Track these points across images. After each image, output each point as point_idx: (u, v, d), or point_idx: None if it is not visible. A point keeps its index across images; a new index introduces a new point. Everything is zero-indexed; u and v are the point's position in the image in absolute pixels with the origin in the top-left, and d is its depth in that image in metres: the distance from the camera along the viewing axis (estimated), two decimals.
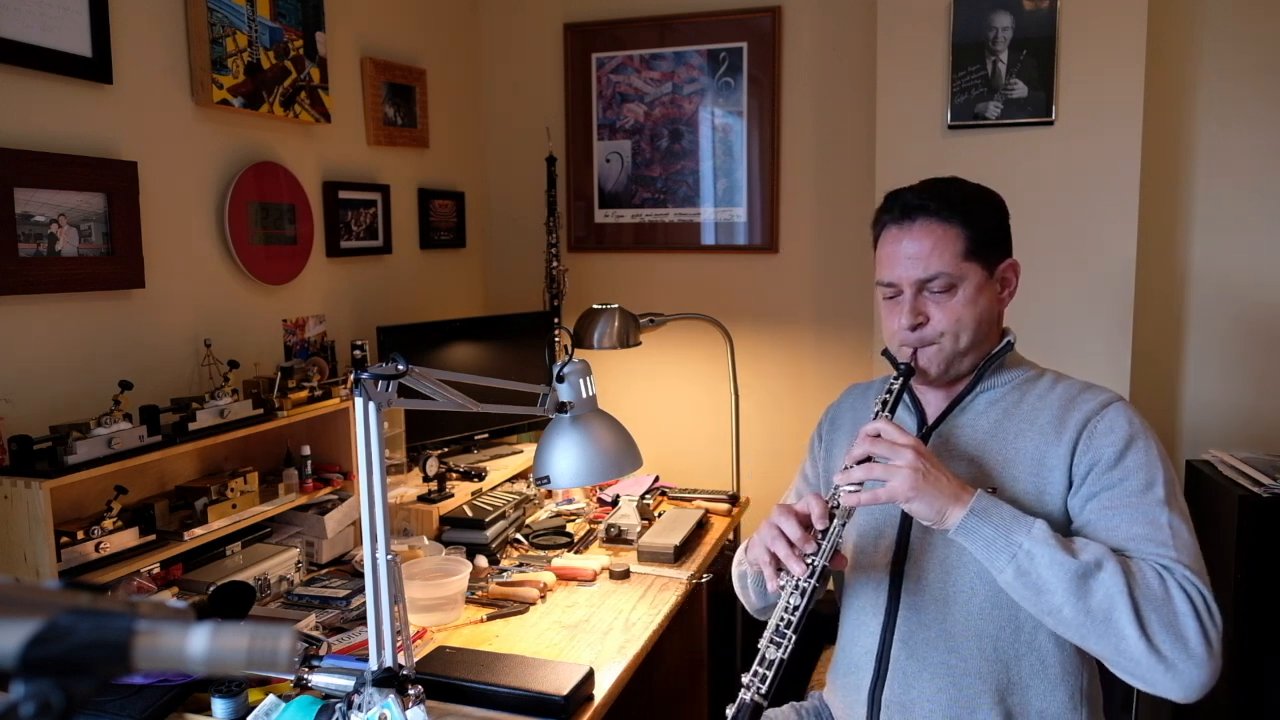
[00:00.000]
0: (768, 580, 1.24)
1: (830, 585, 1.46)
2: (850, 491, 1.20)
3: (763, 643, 1.21)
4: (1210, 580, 1.14)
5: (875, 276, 1.35)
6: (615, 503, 2.39)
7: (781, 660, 1.19)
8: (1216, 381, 2.52)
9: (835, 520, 1.22)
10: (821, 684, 1.53)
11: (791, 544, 1.21)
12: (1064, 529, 1.21)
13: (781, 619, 1.20)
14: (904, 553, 1.31)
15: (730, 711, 1.19)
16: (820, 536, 1.22)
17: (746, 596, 1.49)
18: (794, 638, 1.19)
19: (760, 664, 1.19)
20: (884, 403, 1.29)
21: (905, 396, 1.37)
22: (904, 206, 1.30)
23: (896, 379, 1.31)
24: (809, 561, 1.20)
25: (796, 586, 1.20)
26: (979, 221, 1.29)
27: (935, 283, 1.27)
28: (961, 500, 1.15)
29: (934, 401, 1.37)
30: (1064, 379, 1.34)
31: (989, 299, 1.30)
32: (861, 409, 1.47)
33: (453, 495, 2.19)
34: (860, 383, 1.57)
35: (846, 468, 1.23)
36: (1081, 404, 1.27)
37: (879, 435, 1.21)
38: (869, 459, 1.21)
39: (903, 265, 1.29)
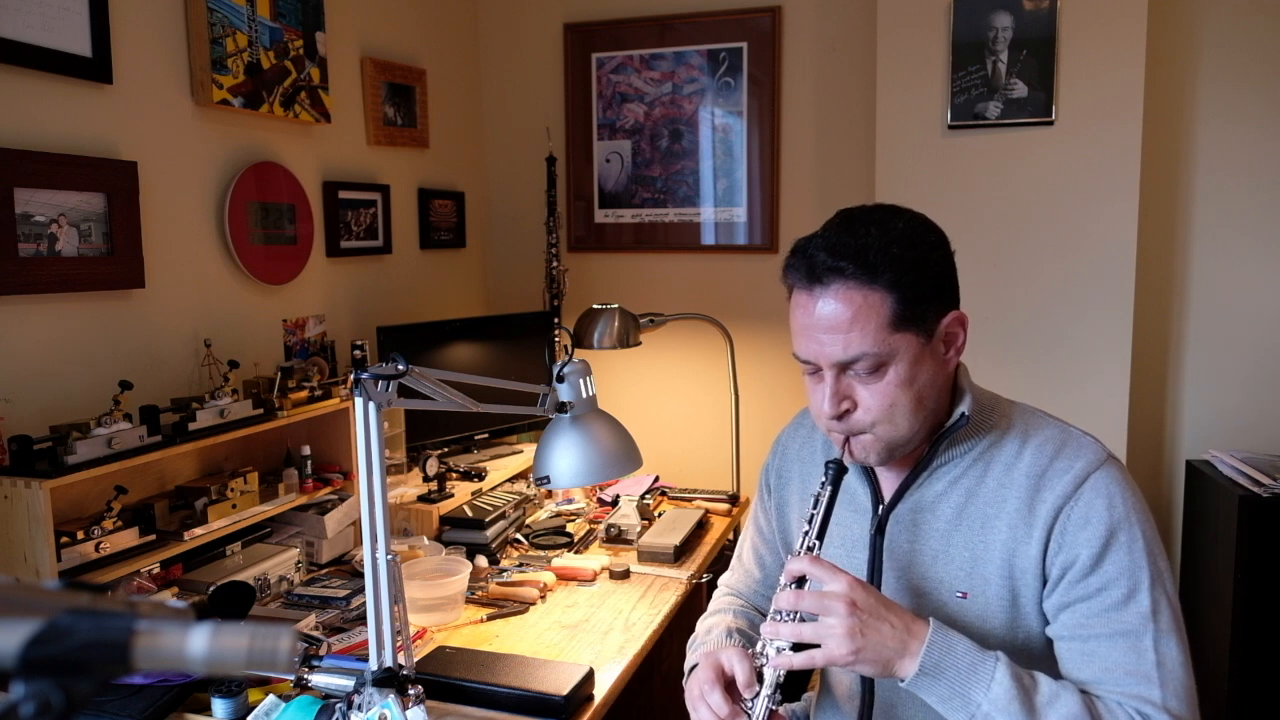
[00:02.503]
0: None
1: None
2: (780, 650, 1.05)
3: None
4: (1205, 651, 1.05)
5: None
6: (615, 503, 2.39)
7: None
8: (1216, 381, 2.52)
9: (765, 686, 1.07)
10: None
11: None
12: (1040, 633, 1.10)
13: None
14: None
15: None
16: (749, 707, 1.08)
17: None
18: None
19: None
20: (812, 519, 1.10)
21: (858, 466, 1.18)
22: (812, 267, 1.05)
23: (824, 485, 1.11)
24: None
25: None
26: (910, 278, 1.03)
27: (859, 364, 1.05)
28: (910, 651, 1.00)
29: (889, 476, 1.19)
30: (1036, 432, 1.12)
31: (931, 368, 1.08)
32: (809, 461, 1.30)
33: (453, 495, 2.19)
34: (809, 411, 1.30)
35: (774, 612, 1.07)
36: (1052, 482, 1.07)
37: (804, 580, 1.05)
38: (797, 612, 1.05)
39: (816, 341, 1.06)
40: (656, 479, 2.56)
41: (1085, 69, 2.28)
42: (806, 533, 1.11)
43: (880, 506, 1.19)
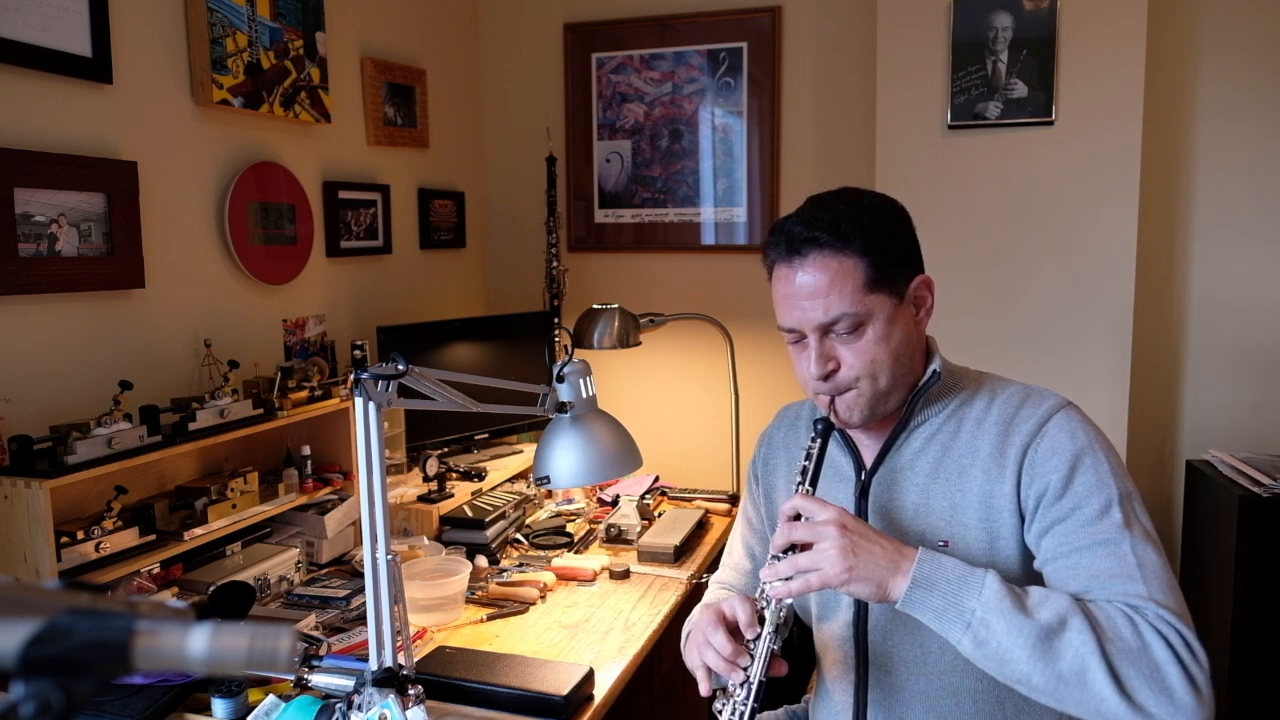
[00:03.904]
0: (701, 689, 1.16)
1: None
2: (779, 585, 1.09)
3: None
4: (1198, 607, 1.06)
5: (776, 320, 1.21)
6: (615, 503, 2.39)
7: None
8: (1216, 381, 2.52)
9: (766, 626, 1.11)
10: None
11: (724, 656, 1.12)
12: (1027, 570, 1.14)
13: None
14: (864, 614, 1.22)
15: None
16: (752, 646, 1.11)
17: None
18: None
19: None
20: (804, 470, 1.17)
21: (839, 437, 1.26)
22: (790, 241, 1.16)
23: (814, 439, 1.17)
24: (745, 670, 1.11)
25: (734, 712, 1.11)
26: (879, 244, 1.14)
27: (840, 324, 1.13)
28: (902, 569, 1.03)
29: (869, 443, 1.26)
30: (1001, 390, 1.21)
31: (904, 327, 1.17)
32: (794, 446, 1.35)
33: (453, 495, 2.19)
34: (792, 405, 1.43)
35: (772, 557, 1.11)
36: (1019, 426, 1.15)
37: (798, 515, 1.10)
38: (793, 547, 1.09)
39: (799, 309, 1.15)
40: (656, 479, 2.56)
41: (1085, 69, 2.28)
42: (799, 484, 1.16)
43: (863, 473, 1.25)
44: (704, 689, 1.16)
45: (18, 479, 1.39)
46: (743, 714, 1.10)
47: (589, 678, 1.47)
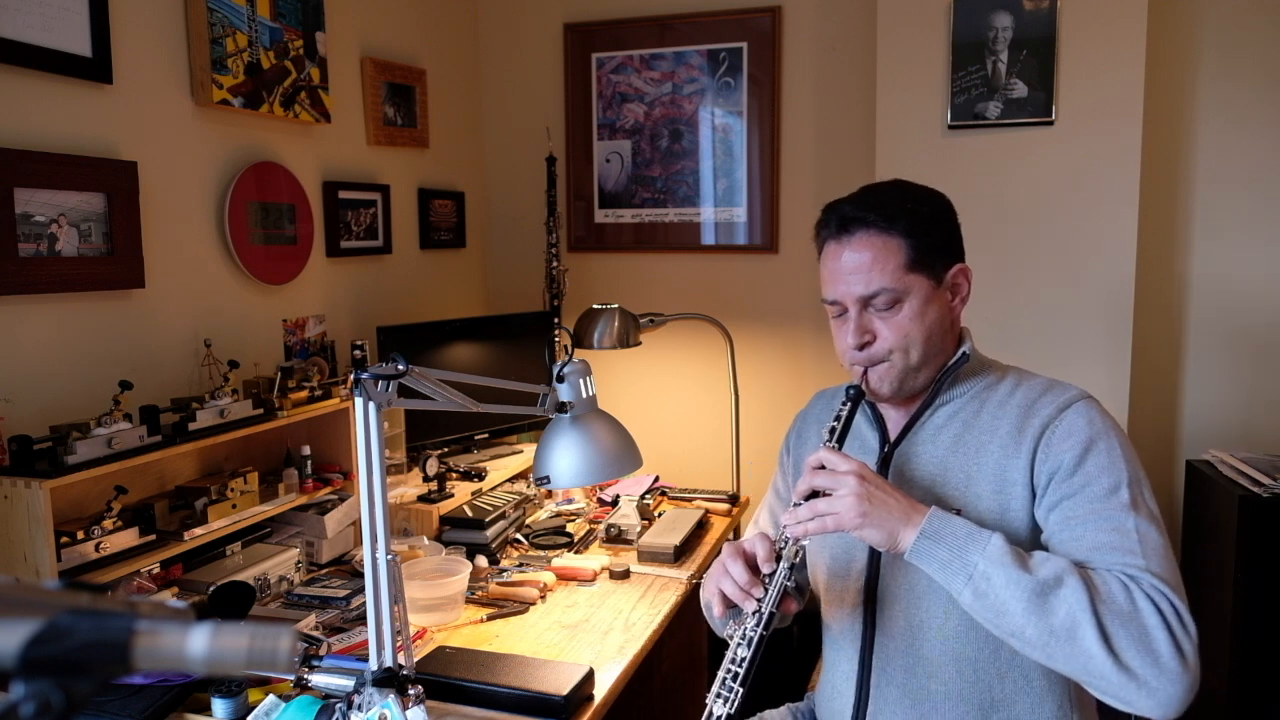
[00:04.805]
0: (716, 614, 1.23)
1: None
2: (798, 526, 1.16)
3: (710, 696, 1.18)
4: (1193, 585, 1.10)
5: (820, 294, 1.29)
6: (615, 503, 2.39)
7: (729, 716, 1.16)
8: (1216, 382, 2.52)
9: (782, 563, 1.18)
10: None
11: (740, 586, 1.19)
12: (1034, 544, 1.17)
13: (729, 671, 1.17)
14: (875, 580, 1.27)
15: None
16: (767, 580, 1.18)
17: (712, 623, 1.43)
18: (741, 691, 1.15)
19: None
20: (832, 430, 1.24)
21: (868, 411, 1.34)
22: (841, 219, 1.24)
23: (845, 404, 1.26)
24: (758, 601, 1.17)
25: (744, 637, 1.17)
26: (922, 229, 1.22)
27: (879, 299, 1.22)
28: (913, 522, 1.11)
29: (895, 418, 1.33)
30: (1026, 380, 1.28)
31: (939, 309, 1.24)
32: (825, 421, 1.39)
33: (453, 495, 2.19)
34: (829, 389, 1.52)
35: (794, 504, 1.18)
36: (1040, 409, 1.21)
37: (821, 466, 1.17)
38: (815, 494, 1.16)
39: (844, 282, 1.23)
40: (656, 479, 2.56)
41: (1085, 69, 2.28)
42: (826, 441, 1.24)
43: (886, 445, 1.31)
44: (717, 612, 1.23)
45: (18, 479, 1.39)
46: (752, 640, 1.17)
47: (589, 678, 1.47)
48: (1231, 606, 2.11)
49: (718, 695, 1.17)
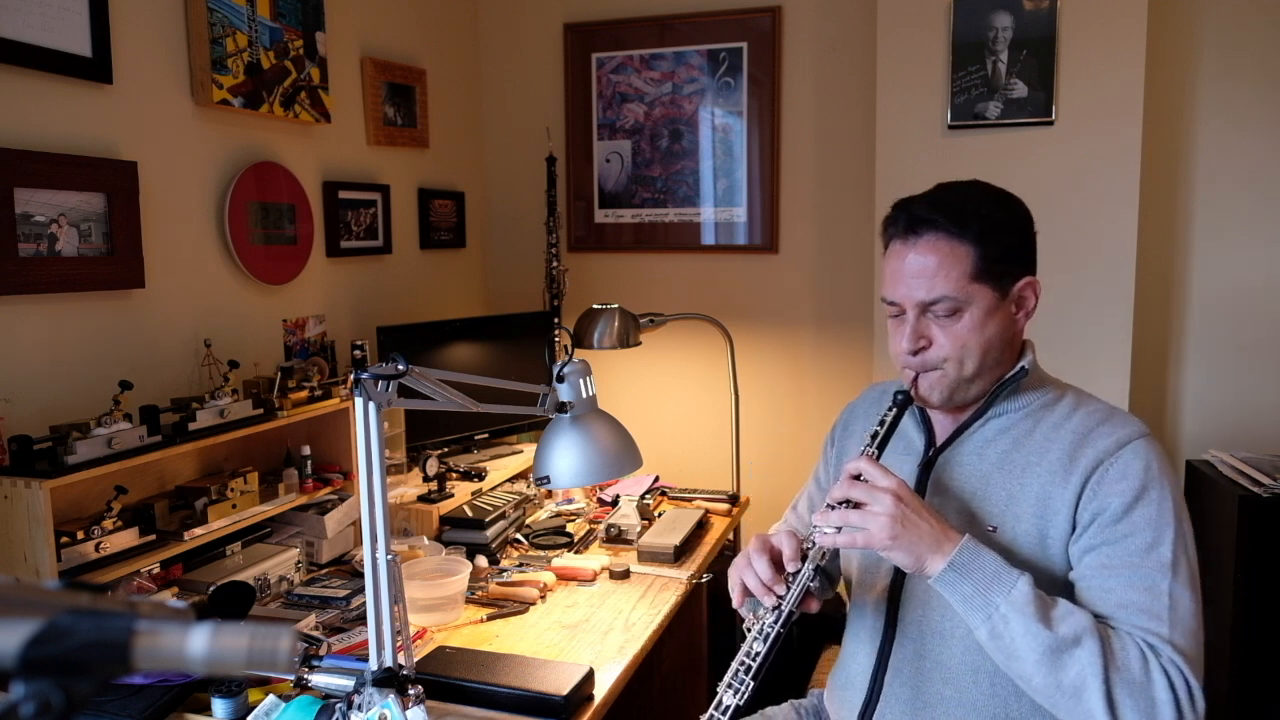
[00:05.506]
0: (735, 603, 1.23)
1: (840, 587, 1.45)
2: (827, 533, 1.15)
3: (721, 686, 1.18)
4: (1203, 650, 1.08)
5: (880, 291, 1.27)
6: (615, 503, 2.39)
7: (738, 707, 1.16)
8: (1216, 382, 2.52)
9: (807, 563, 1.17)
10: (822, 683, 1.53)
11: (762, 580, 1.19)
12: (1063, 578, 1.16)
13: (741, 664, 1.17)
14: (902, 580, 1.26)
15: None
16: (790, 579, 1.17)
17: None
18: (752, 684, 1.16)
19: (716, 709, 1.17)
20: (874, 435, 1.21)
21: (916, 413, 1.31)
22: (910, 219, 1.19)
23: (891, 409, 1.22)
24: (779, 598, 1.17)
25: (761, 631, 1.16)
26: (994, 238, 1.17)
27: (939, 306, 1.17)
28: (943, 550, 1.09)
29: (943, 423, 1.29)
30: (1085, 403, 1.23)
31: (1000, 322, 1.19)
32: (874, 417, 1.37)
33: (453, 495, 2.19)
34: (881, 383, 1.49)
35: (828, 507, 1.17)
36: (1096, 440, 1.16)
37: (860, 476, 1.15)
38: (849, 501, 1.14)
39: (905, 284, 1.19)
40: (656, 479, 2.56)
41: (1085, 69, 2.28)
42: (867, 446, 1.20)
43: (931, 449, 1.28)
44: (736, 601, 1.23)
45: (18, 479, 1.39)
46: (769, 636, 1.16)
47: (589, 678, 1.47)
48: (1231, 606, 2.11)
49: (729, 685, 1.17)
